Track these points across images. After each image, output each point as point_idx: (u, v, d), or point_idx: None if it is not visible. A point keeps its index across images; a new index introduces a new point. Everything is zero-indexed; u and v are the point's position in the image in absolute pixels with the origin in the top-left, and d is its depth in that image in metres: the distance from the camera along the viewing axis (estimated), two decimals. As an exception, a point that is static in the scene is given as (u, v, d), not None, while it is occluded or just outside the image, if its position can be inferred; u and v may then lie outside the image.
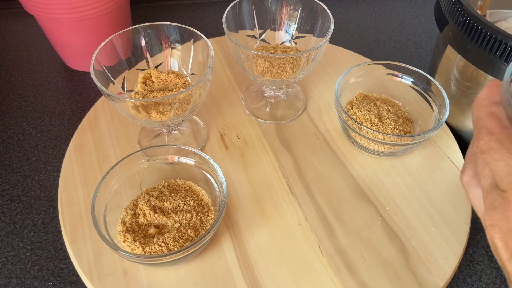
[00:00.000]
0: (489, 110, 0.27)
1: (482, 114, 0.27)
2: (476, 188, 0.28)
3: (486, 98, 0.28)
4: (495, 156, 0.24)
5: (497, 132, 0.25)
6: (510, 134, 0.25)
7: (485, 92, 0.28)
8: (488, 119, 0.26)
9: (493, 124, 0.25)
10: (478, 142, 0.26)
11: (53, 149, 0.57)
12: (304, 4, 0.53)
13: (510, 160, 0.23)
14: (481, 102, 0.28)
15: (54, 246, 0.48)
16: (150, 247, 0.39)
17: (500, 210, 0.24)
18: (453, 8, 0.47)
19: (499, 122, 0.26)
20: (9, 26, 0.77)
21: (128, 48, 0.49)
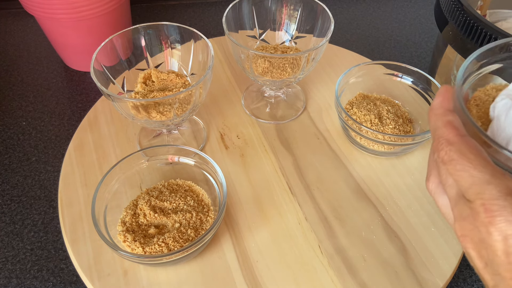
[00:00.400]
0: (445, 119, 0.27)
1: (439, 123, 0.27)
2: (443, 196, 0.28)
3: (440, 107, 0.28)
4: (457, 167, 0.24)
5: (456, 142, 0.25)
6: (468, 143, 0.25)
7: (438, 100, 0.29)
8: (446, 128, 0.26)
9: (451, 133, 0.26)
10: (439, 152, 0.26)
11: (53, 149, 0.57)
12: (304, 4, 0.53)
13: (473, 171, 0.24)
14: (436, 110, 0.28)
15: (54, 246, 0.48)
16: (150, 247, 0.39)
17: (469, 220, 0.24)
18: (453, 8, 0.48)
19: (456, 131, 0.26)
20: (9, 26, 0.77)
21: (128, 48, 0.49)
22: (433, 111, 0.28)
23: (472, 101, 0.34)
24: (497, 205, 0.22)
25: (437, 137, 0.26)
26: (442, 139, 0.26)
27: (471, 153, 0.24)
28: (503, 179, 0.23)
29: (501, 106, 0.30)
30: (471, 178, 0.23)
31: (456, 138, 0.25)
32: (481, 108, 0.33)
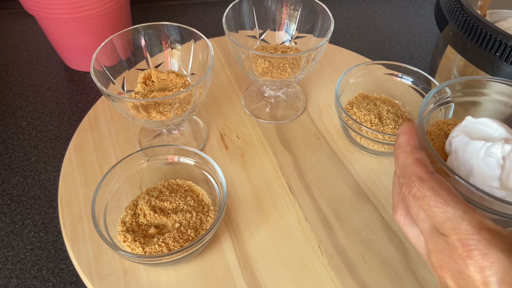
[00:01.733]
0: (414, 157, 0.29)
1: (409, 161, 0.29)
2: (412, 227, 0.30)
3: (407, 144, 0.30)
4: (431, 203, 0.26)
5: (427, 179, 0.27)
6: (438, 180, 0.27)
7: (404, 138, 0.31)
8: (416, 166, 0.28)
9: (422, 171, 0.28)
10: (411, 189, 0.28)
11: (53, 149, 0.58)
12: (304, 4, 0.53)
13: (446, 207, 0.25)
14: (404, 148, 0.30)
15: (54, 246, 0.48)
16: (150, 247, 0.39)
17: (446, 253, 0.25)
18: (453, 8, 0.47)
19: (426, 168, 0.28)
20: (9, 26, 0.77)
21: (128, 48, 0.49)
22: (401, 148, 0.30)
23: (428, 135, 0.36)
24: (472, 239, 0.24)
25: (408, 174, 0.28)
26: (413, 176, 0.28)
27: (443, 189, 0.26)
28: (475, 214, 0.25)
29: (458, 141, 0.33)
30: (445, 214, 0.25)
31: (426, 176, 0.27)
32: (436, 142, 0.36)
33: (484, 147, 0.31)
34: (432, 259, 0.27)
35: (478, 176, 0.31)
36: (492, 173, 0.31)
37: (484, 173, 0.31)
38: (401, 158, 0.30)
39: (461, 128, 0.34)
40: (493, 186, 0.30)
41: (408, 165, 0.29)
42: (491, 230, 0.24)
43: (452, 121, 0.38)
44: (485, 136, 0.33)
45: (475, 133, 0.33)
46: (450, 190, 0.26)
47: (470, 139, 0.32)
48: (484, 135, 0.33)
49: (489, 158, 0.31)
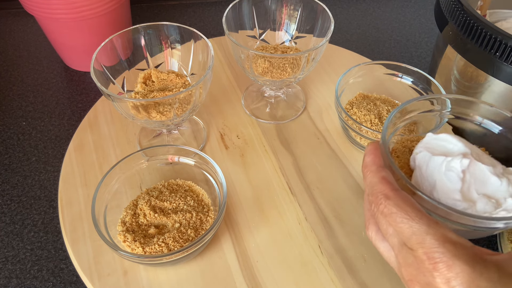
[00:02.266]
0: (380, 176, 0.31)
1: (375, 180, 0.30)
2: (383, 242, 0.31)
3: (373, 164, 0.32)
4: (397, 219, 0.28)
5: (393, 196, 0.29)
6: (403, 196, 0.29)
7: (370, 157, 0.32)
8: (382, 184, 0.30)
9: (387, 189, 0.29)
10: (378, 206, 0.29)
11: (53, 149, 0.57)
12: (304, 4, 0.53)
13: (411, 222, 0.27)
14: (370, 167, 0.32)
15: (54, 246, 0.48)
16: (150, 247, 0.39)
17: (414, 266, 0.27)
18: (453, 8, 0.47)
19: (391, 186, 0.29)
20: (9, 26, 0.77)
21: (128, 48, 0.49)
22: (367, 168, 0.32)
23: (393, 153, 0.38)
24: (437, 252, 0.25)
25: (375, 192, 0.30)
26: (380, 194, 0.29)
27: (407, 206, 0.28)
28: (438, 228, 0.26)
29: (421, 158, 0.35)
30: (411, 229, 0.27)
31: (392, 193, 0.29)
32: (401, 159, 0.38)
33: (445, 162, 0.33)
34: (402, 273, 0.28)
35: (441, 190, 0.32)
36: (453, 187, 0.32)
37: (446, 187, 0.32)
38: (368, 177, 0.31)
39: (423, 144, 0.36)
40: (455, 198, 0.32)
41: (375, 183, 0.30)
42: (454, 243, 0.26)
43: (416, 138, 0.40)
44: (445, 151, 0.34)
45: (436, 148, 0.35)
46: (414, 205, 0.28)
47: (431, 155, 0.34)
48: (445, 150, 0.34)
49: (450, 173, 0.33)
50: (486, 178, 0.33)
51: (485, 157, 0.35)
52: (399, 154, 0.38)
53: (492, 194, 0.32)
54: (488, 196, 0.32)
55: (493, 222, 0.30)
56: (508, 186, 0.32)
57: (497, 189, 0.32)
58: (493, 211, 0.31)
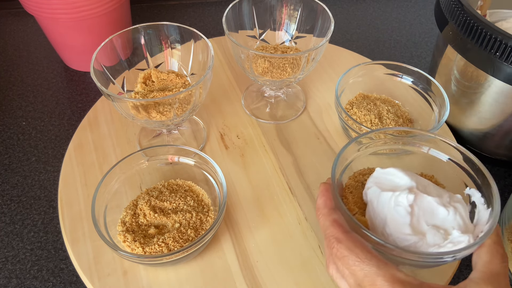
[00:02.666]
0: (331, 219, 0.32)
1: (327, 223, 0.32)
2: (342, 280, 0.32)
3: (325, 206, 0.33)
4: (350, 262, 0.29)
5: (344, 239, 0.30)
6: (353, 238, 0.30)
7: (321, 200, 0.33)
8: (333, 227, 0.31)
9: (338, 232, 0.30)
10: (331, 249, 0.30)
11: (53, 149, 0.57)
12: (304, 4, 0.53)
13: (362, 265, 0.28)
14: (322, 210, 0.33)
15: (54, 246, 0.48)
16: (150, 247, 0.39)
17: None
18: (453, 8, 0.47)
19: (342, 228, 0.31)
20: (9, 26, 0.77)
21: (128, 48, 0.49)
22: (319, 211, 0.33)
23: (346, 189, 0.39)
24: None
25: (328, 235, 0.31)
26: (332, 237, 0.30)
27: (357, 248, 0.29)
28: (388, 268, 0.28)
29: (371, 193, 0.35)
30: (363, 271, 0.28)
31: (343, 236, 0.30)
32: (355, 194, 0.38)
33: (393, 197, 0.34)
34: None
35: (392, 225, 0.33)
36: (403, 221, 0.33)
37: (396, 221, 0.33)
38: (320, 220, 0.32)
39: (373, 179, 0.37)
40: (405, 233, 0.33)
41: (327, 227, 0.31)
42: (403, 282, 0.27)
43: (368, 171, 0.40)
44: (393, 185, 0.35)
45: (385, 183, 0.36)
46: (364, 247, 0.29)
47: (381, 191, 0.35)
48: (393, 185, 0.35)
49: (399, 207, 0.33)
50: (434, 209, 0.34)
51: (431, 188, 0.36)
52: (352, 190, 0.39)
53: (441, 224, 0.33)
54: (437, 226, 0.33)
55: (440, 257, 0.30)
56: (455, 215, 0.33)
57: (445, 219, 0.33)
58: (442, 242, 0.32)
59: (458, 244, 0.31)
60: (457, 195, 0.36)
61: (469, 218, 0.34)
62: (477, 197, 0.35)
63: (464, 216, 0.33)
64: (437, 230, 0.32)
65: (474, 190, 0.36)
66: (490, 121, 0.51)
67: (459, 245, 0.31)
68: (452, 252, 0.30)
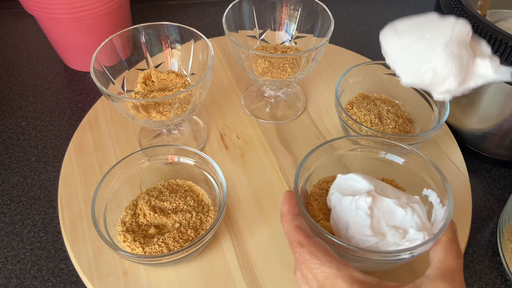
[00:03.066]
0: (294, 224, 0.33)
1: (290, 228, 0.33)
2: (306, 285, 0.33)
3: (289, 213, 0.34)
4: (311, 266, 0.30)
5: (306, 244, 0.31)
6: (315, 242, 0.31)
7: (286, 207, 0.34)
8: (296, 232, 0.32)
9: (301, 236, 0.31)
10: (295, 254, 0.31)
11: (53, 149, 0.57)
12: (304, 4, 0.53)
13: (323, 267, 0.29)
14: (286, 217, 0.34)
15: (54, 246, 0.48)
16: (150, 247, 0.39)
17: None
18: (453, 8, 0.47)
19: (304, 233, 0.32)
20: (9, 26, 0.77)
21: (128, 48, 0.49)
22: (284, 217, 0.34)
23: (311, 196, 0.41)
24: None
25: (291, 240, 0.32)
26: (294, 242, 0.31)
27: (319, 251, 0.30)
28: (347, 270, 0.29)
29: (334, 199, 0.37)
30: (324, 274, 0.29)
31: (305, 240, 0.31)
32: (319, 201, 0.40)
33: (353, 201, 0.35)
34: None
35: (354, 228, 0.35)
36: (364, 223, 0.35)
37: (358, 224, 0.35)
38: (285, 226, 0.33)
39: (335, 186, 0.39)
40: (366, 234, 0.34)
41: (290, 232, 0.32)
42: (361, 282, 0.28)
43: (331, 178, 0.42)
44: (354, 190, 0.37)
45: (346, 188, 0.38)
46: (325, 250, 0.30)
47: (342, 196, 0.37)
48: (353, 189, 0.37)
49: (359, 211, 0.35)
50: (392, 211, 0.35)
51: (390, 190, 0.37)
52: (317, 197, 0.41)
53: (400, 225, 0.35)
54: (397, 227, 0.35)
55: (397, 255, 0.32)
56: (413, 215, 0.35)
57: (403, 219, 0.35)
58: (401, 241, 0.34)
59: (414, 241, 0.32)
60: (415, 196, 0.38)
61: (427, 218, 0.36)
62: (433, 197, 0.37)
63: (421, 216, 0.35)
64: (396, 230, 0.34)
65: (431, 190, 0.38)
66: (490, 121, 0.51)
67: (415, 242, 0.32)
68: (408, 249, 0.31)
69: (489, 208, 0.52)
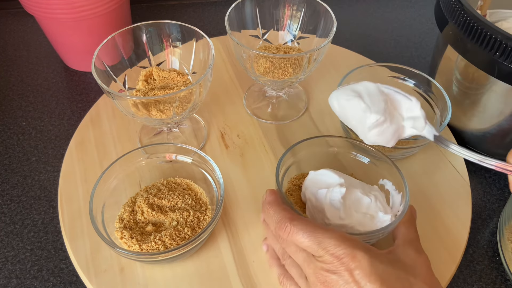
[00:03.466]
0: (282, 207, 0.36)
1: (279, 210, 0.36)
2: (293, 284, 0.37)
3: (275, 201, 0.37)
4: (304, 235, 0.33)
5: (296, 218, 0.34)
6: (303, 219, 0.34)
7: (271, 197, 0.38)
8: (285, 212, 0.35)
9: (290, 213, 0.35)
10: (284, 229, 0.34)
11: (53, 149, 0.57)
12: (307, 5, 0.53)
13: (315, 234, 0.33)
14: (272, 205, 0.37)
15: (54, 246, 0.48)
16: (146, 245, 0.39)
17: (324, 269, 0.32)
18: (453, 8, 0.47)
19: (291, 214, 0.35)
20: (9, 26, 0.77)
21: (130, 46, 0.49)
22: (270, 204, 0.37)
23: (287, 192, 0.45)
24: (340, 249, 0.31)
25: (280, 219, 0.34)
26: (284, 218, 0.34)
27: (308, 224, 0.33)
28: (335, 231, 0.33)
29: (309, 193, 0.42)
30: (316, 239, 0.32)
31: (295, 216, 0.34)
32: (295, 196, 0.45)
33: (328, 193, 0.40)
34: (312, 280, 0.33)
35: (330, 216, 0.40)
36: (338, 212, 0.40)
37: (333, 212, 0.40)
38: (271, 211, 0.36)
39: (308, 181, 0.43)
40: (342, 220, 0.40)
41: (279, 212, 0.35)
42: (351, 239, 0.32)
43: (302, 175, 0.47)
44: (327, 183, 0.42)
45: (318, 183, 0.42)
46: (313, 223, 0.33)
47: (317, 189, 0.42)
48: (326, 183, 0.42)
49: (333, 201, 0.40)
50: (359, 199, 0.41)
51: (355, 182, 0.43)
52: (292, 193, 0.45)
53: (366, 211, 0.41)
54: (364, 213, 0.41)
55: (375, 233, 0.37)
56: (376, 202, 0.41)
57: (369, 206, 0.41)
58: (372, 223, 0.40)
59: (383, 222, 0.39)
60: (374, 186, 0.44)
61: (386, 203, 0.42)
62: (389, 185, 0.43)
63: (382, 202, 0.42)
64: (364, 215, 0.40)
65: (386, 180, 0.44)
66: (490, 121, 0.51)
67: (385, 223, 0.39)
68: (382, 229, 0.37)
69: (489, 208, 0.52)
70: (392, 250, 0.35)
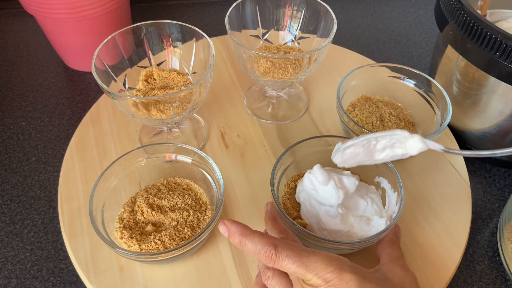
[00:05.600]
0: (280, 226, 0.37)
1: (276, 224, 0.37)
2: None
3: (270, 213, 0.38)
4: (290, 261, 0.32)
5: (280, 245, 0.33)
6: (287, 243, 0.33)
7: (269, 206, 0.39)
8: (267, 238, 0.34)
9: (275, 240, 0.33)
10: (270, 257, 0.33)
11: (53, 149, 0.57)
12: (307, 5, 0.53)
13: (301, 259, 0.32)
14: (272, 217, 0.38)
15: (54, 246, 0.48)
16: (146, 244, 0.39)
17: None
18: (453, 8, 0.47)
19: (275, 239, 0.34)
20: (9, 26, 0.77)
21: (130, 46, 0.49)
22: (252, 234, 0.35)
23: (284, 196, 0.45)
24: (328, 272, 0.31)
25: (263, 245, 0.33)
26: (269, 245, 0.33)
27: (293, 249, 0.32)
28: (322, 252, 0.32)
29: (302, 197, 0.43)
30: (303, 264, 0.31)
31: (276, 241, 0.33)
32: (291, 199, 0.45)
33: (324, 207, 0.41)
34: None
35: (325, 221, 0.40)
36: (334, 220, 0.40)
37: (328, 220, 0.40)
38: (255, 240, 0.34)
39: (301, 186, 0.43)
40: (337, 225, 0.40)
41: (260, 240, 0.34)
42: (337, 259, 0.32)
43: (297, 177, 0.47)
44: (324, 200, 0.41)
45: (315, 195, 0.41)
46: (298, 246, 0.32)
47: (309, 197, 0.42)
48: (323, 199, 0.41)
49: (329, 212, 0.41)
50: (356, 203, 0.42)
51: (352, 184, 0.42)
52: (289, 196, 0.45)
53: (362, 213, 0.41)
54: (361, 216, 0.41)
55: (370, 240, 0.38)
56: (372, 204, 0.42)
57: (365, 209, 0.41)
58: (367, 227, 0.40)
59: (378, 227, 0.40)
60: (372, 186, 0.45)
61: (382, 204, 0.43)
62: (385, 183, 0.43)
63: (379, 204, 0.42)
64: (361, 218, 0.41)
65: (382, 178, 0.44)
66: (490, 121, 0.51)
67: (380, 227, 0.40)
68: (376, 235, 0.38)
69: (489, 208, 0.52)
70: (379, 268, 0.35)
